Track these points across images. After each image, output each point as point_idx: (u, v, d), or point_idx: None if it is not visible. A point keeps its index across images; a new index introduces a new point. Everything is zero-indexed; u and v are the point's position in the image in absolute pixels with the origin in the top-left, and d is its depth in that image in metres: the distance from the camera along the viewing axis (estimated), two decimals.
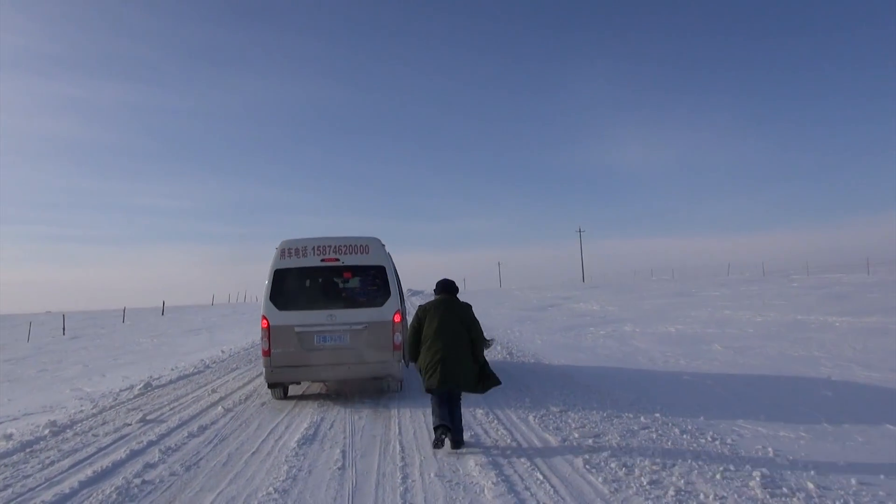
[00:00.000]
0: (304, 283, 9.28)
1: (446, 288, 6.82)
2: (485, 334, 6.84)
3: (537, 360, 12.29)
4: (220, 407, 8.81)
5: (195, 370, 13.53)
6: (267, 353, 8.82)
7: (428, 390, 6.42)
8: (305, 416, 8.02)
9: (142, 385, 11.02)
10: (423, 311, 6.70)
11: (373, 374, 9.00)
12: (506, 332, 18.91)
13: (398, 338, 8.88)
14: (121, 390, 10.98)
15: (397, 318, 8.87)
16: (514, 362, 12.11)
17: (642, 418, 7.15)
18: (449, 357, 6.32)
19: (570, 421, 7.22)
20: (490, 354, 13.40)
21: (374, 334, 8.78)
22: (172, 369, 14.13)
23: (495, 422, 7.40)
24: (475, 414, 7.79)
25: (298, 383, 9.71)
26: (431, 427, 6.51)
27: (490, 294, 51.22)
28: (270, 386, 9.10)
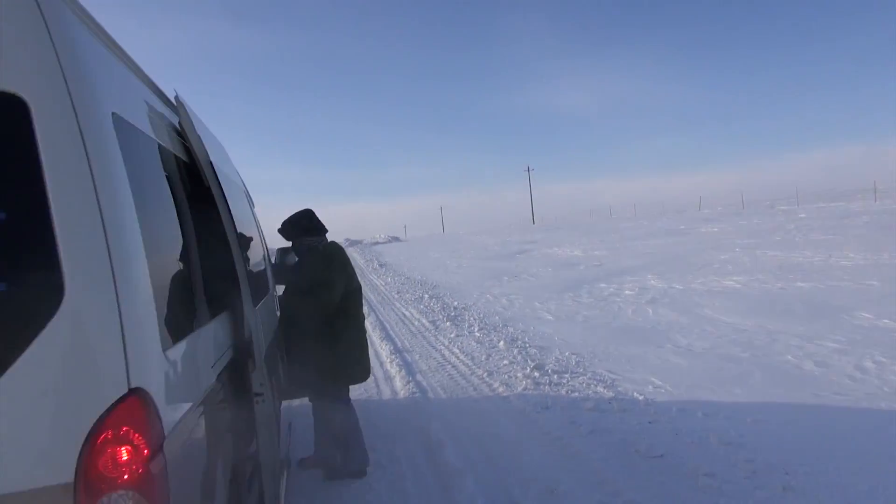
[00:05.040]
0: None
1: (312, 225, 4.28)
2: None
3: (613, 388, 5.72)
4: None
5: None
6: None
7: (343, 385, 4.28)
8: None
9: None
10: (326, 268, 4.12)
11: None
12: (486, 300, 12.60)
13: None
14: None
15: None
16: (573, 417, 5.24)
17: None
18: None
19: None
20: (505, 372, 6.68)
21: None
22: None
23: None
24: None
25: None
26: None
27: (438, 241, 44.87)
28: None
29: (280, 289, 4.67)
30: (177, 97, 2.71)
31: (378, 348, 8.61)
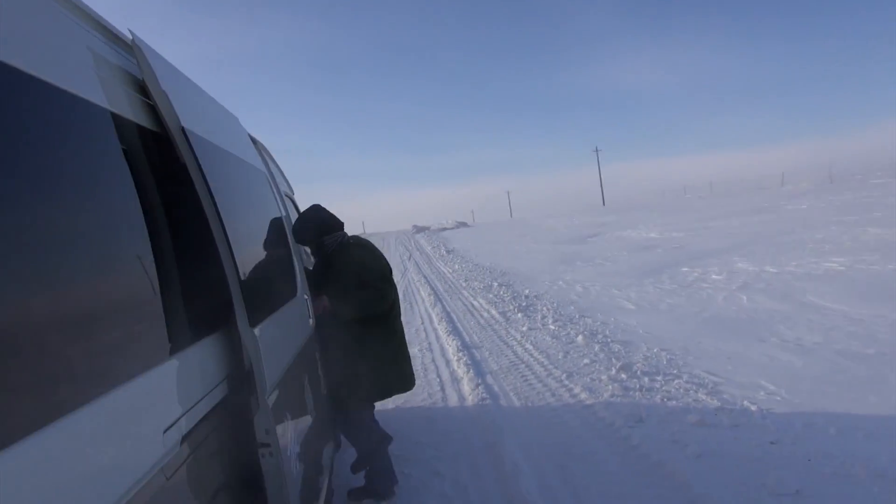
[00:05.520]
0: None
1: (327, 218, 3.77)
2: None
3: (717, 395, 4.85)
4: None
5: None
6: None
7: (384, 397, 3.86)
8: None
9: None
10: (379, 260, 3.81)
11: None
12: (559, 287, 11.84)
13: None
14: None
15: None
16: (675, 434, 4.38)
17: None
18: None
19: None
20: (587, 374, 5.77)
21: None
22: None
23: None
24: None
25: None
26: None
27: (505, 226, 44.01)
28: None
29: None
30: (133, 39, 1.90)
31: (444, 343, 8.04)
